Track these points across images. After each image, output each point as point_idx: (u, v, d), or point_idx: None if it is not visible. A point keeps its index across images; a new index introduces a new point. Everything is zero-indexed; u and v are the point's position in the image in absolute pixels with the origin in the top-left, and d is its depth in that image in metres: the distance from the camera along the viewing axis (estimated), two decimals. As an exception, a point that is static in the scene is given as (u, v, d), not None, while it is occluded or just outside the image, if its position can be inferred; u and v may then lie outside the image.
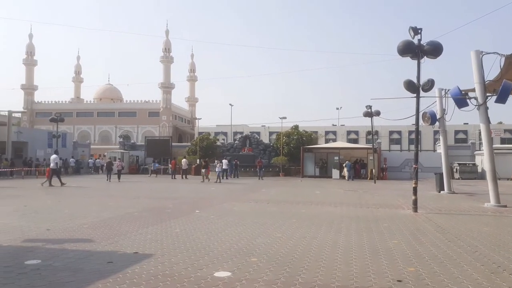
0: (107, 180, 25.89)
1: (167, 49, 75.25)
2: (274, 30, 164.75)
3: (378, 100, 49.39)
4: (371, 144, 31.15)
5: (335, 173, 31.16)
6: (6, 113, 36.26)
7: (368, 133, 31.27)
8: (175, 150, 40.52)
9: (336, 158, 31.94)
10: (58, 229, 8.33)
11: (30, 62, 76.96)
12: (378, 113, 27.23)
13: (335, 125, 65.41)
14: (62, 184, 20.78)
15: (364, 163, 32.42)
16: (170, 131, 68.68)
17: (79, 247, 6.66)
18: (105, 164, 32.83)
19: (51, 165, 21.55)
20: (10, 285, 4.65)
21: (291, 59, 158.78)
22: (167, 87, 73.25)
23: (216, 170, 26.86)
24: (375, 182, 26.02)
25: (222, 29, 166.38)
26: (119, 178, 26.61)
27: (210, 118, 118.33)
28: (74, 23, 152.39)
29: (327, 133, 62.59)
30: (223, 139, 59.21)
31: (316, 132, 51.45)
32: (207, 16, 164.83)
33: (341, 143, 42.90)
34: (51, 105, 75.54)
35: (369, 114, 26.98)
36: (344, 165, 30.50)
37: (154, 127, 72.06)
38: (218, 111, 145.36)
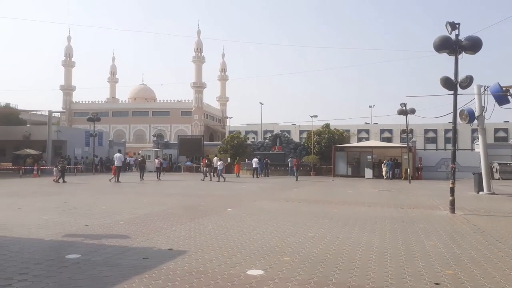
0: (140, 179, 24.56)
1: (198, 49, 76.21)
2: (304, 27, 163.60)
3: (413, 97, 48.08)
4: (406, 143, 30.36)
5: (368, 172, 30.58)
6: (47, 113, 37.87)
7: (403, 131, 30.37)
8: (207, 148, 41.00)
9: (369, 157, 31.34)
10: (96, 225, 8.63)
11: (68, 63, 79.93)
12: (413, 111, 26.48)
13: (368, 123, 64.17)
14: (116, 181, 22.37)
15: (398, 162, 31.65)
16: (201, 130, 69.57)
17: (116, 242, 6.86)
18: (137, 162, 33.02)
19: (116, 162, 23.22)
20: (52, 278, 4.85)
21: (322, 57, 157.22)
22: (199, 86, 74.22)
23: (218, 168, 26.07)
24: (410, 182, 25.36)
25: (253, 28, 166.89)
26: (158, 176, 26.04)
27: (240, 117, 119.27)
28: (109, 25, 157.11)
29: (359, 131, 61.56)
30: (253, 138, 59.41)
31: (348, 131, 50.74)
32: (237, 15, 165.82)
33: (374, 142, 42.04)
34: (88, 105, 78.21)
35: (403, 112, 26.28)
36: (384, 163, 30.05)
37: (186, 126, 73.19)
38: (249, 110, 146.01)
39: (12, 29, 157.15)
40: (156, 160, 28.29)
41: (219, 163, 26.51)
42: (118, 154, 23.97)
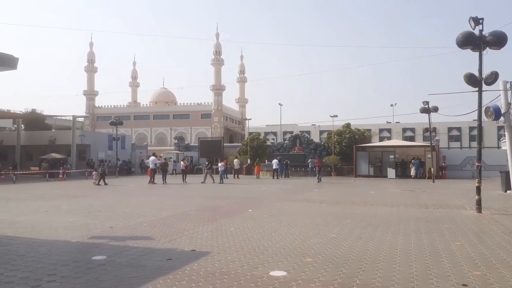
0: (163, 182, 23.72)
1: (217, 51, 76.74)
2: (323, 27, 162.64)
3: (436, 95, 47.11)
4: (429, 142, 29.77)
5: (391, 172, 30.11)
6: (71, 118, 38.82)
7: (426, 130, 29.82)
8: (227, 150, 41.22)
9: (392, 156, 30.85)
10: (120, 227, 8.78)
11: (91, 69, 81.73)
12: (436, 109, 25.90)
13: (390, 122, 63.18)
14: (152, 182, 23.05)
15: (421, 161, 31.07)
16: (221, 132, 70.00)
17: (140, 244, 6.97)
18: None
19: (151, 166, 24.07)
20: (79, 278, 4.97)
21: (342, 56, 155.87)
22: (218, 89, 74.72)
23: (219, 170, 25.44)
24: (433, 182, 24.84)
25: (270, 29, 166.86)
26: (184, 179, 25.02)
27: (259, 118, 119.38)
28: (130, 31, 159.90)
29: (381, 131, 60.72)
30: (273, 139, 59.34)
31: (369, 130, 50.10)
32: (255, 17, 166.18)
33: (396, 141, 41.33)
34: (110, 109, 79.82)
35: (426, 110, 25.75)
36: (411, 162, 29.63)
37: (206, 128, 73.79)
38: (268, 112, 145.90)
39: (36, 37, 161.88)
40: (182, 163, 27.53)
41: (220, 164, 25.86)
42: (152, 158, 25.05)
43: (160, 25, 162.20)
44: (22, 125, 41.32)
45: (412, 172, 29.37)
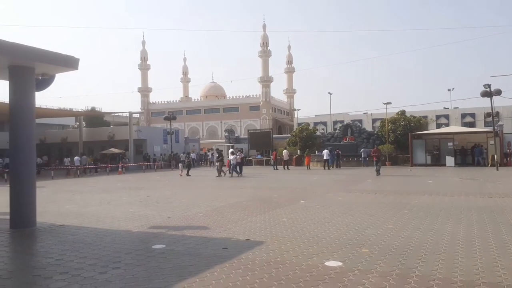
0: (218, 175, 23.39)
1: (265, 43, 76.68)
2: (374, 11, 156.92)
3: (499, 77, 44.00)
4: (491, 127, 27.93)
5: (450, 160, 28.64)
6: (128, 114, 40.71)
7: (488, 115, 27.88)
8: (276, 141, 41.25)
9: (450, 144, 29.34)
10: (177, 217, 9.12)
11: (144, 66, 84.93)
12: (498, 92, 24.28)
13: (447, 108, 59.92)
14: (222, 174, 23.54)
15: (483, 148, 29.26)
16: (270, 123, 70.11)
17: (197, 233, 7.20)
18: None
19: (230, 158, 24.64)
20: (141, 266, 5.23)
21: (394, 40, 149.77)
22: (266, 81, 74.79)
23: (231, 162, 23.86)
24: (497, 169, 23.33)
25: (317, 17, 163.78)
26: (240, 171, 24.02)
27: (308, 108, 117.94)
28: (178, 27, 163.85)
29: (438, 117, 57.65)
30: (323, 129, 58.44)
31: (425, 117, 47.87)
32: (302, 5, 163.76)
33: (455, 128, 39.16)
34: (164, 105, 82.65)
35: (488, 93, 24.19)
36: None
37: (255, 120, 74.24)
38: (317, 101, 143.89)
39: (94, 37, 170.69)
40: (237, 156, 25.82)
41: (231, 157, 24.16)
42: (231, 150, 26.47)
43: (207, 20, 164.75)
44: (84, 123, 43.93)
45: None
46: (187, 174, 25.10)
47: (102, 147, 38.61)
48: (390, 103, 34.55)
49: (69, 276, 4.84)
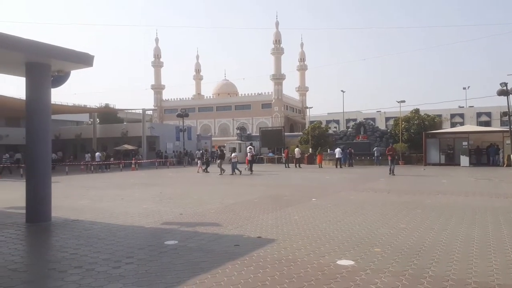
0: (232, 173, 22.92)
1: (277, 40, 76.52)
2: (386, 8, 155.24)
3: (515, 76, 43.12)
4: (508, 127, 27.44)
5: (464, 160, 28.25)
6: (141, 111, 41.05)
7: (504, 114, 27.46)
8: (288, 139, 41.17)
9: (465, 143, 28.93)
10: (189, 214, 9.18)
11: (157, 64, 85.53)
12: (515, 91, 23.83)
13: (462, 106, 59.06)
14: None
15: (499, 148, 28.78)
16: (282, 121, 70.02)
17: (209, 230, 7.23)
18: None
19: (248, 155, 25.26)
20: (154, 262, 5.28)
21: (407, 38, 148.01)
22: (278, 78, 74.66)
23: (232, 160, 23.77)
24: (513, 170, 22.93)
25: (330, 15, 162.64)
26: (251, 169, 24.09)
27: (321, 106, 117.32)
28: (191, 24, 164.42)
29: (452, 116, 56.85)
30: (335, 127, 58.11)
31: (439, 116, 47.25)
32: (314, 2, 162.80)
33: (470, 127, 38.51)
34: (176, 102, 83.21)
35: (504, 92, 23.81)
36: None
37: (267, 118, 74.21)
38: (330, 99, 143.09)
39: (108, 35, 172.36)
40: (248, 153, 25.83)
41: (233, 155, 24.47)
42: (249, 147, 26.70)
43: (220, 18, 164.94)
44: (98, 119, 44.43)
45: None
46: (206, 171, 25.37)
47: (116, 144, 39.00)
48: (404, 101, 34.16)
49: (84, 270, 4.92)
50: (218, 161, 24.69)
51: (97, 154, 31.38)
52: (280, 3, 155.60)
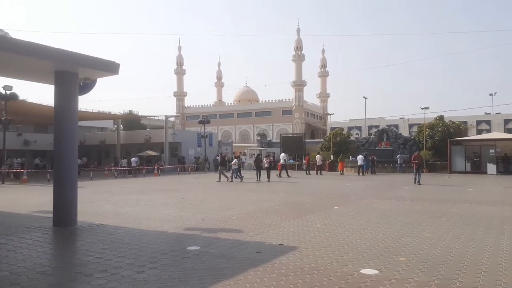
0: (257, 179, 22.92)
1: (298, 47, 76.54)
2: (409, 14, 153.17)
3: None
4: (537, 134, 26.53)
5: (491, 168, 27.46)
6: (164, 118, 41.64)
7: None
8: (308, 146, 40.94)
9: (492, 151, 28.14)
10: (211, 219, 9.23)
11: (180, 71, 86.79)
12: (546, 97, 23.00)
13: (489, 113, 57.48)
14: (288, 176, 24.09)
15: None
16: (302, 128, 69.76)
17: (230, 236, 7.25)
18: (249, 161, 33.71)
19: (281, 161, 26.03)
20: (177, 267, 5.33)
21: (432, 43, 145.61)
22: (299, 85, 74.55)
23: (233, 167, 23.61)
24: (544, 178, 22.13)
25: (352, 21, 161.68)
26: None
27: (343, 113, 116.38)
28: (214, 31, 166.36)
29: (478, 123, 55.44)
30: (357, 134, 57.49)
31: (465, 123, 46.16)
32: (336, 9, 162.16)
33: (497, 134, 37.48)
34: (198, 109, 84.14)
35: (533, 98, 22.96)
36: None
37: (287, 124, 74.09)
38: (351, 106, 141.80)
39: (132, 43, 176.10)
40: (265, 160, 25.62)
41: (233, 161, 24.36)
42: (282, 154, 27.45)
43: (241, 25, 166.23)
44: (121, 126, 45.28)
45: None
46: (231, 180, 23.76)
47: (139, 150, 39.63)
48: (428, 107, 33.63)
49: (109, 274, 5.00)
50: (220, 167, 24.27)
51: (133, 159, 32.63)
52: (301, 10, 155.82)
